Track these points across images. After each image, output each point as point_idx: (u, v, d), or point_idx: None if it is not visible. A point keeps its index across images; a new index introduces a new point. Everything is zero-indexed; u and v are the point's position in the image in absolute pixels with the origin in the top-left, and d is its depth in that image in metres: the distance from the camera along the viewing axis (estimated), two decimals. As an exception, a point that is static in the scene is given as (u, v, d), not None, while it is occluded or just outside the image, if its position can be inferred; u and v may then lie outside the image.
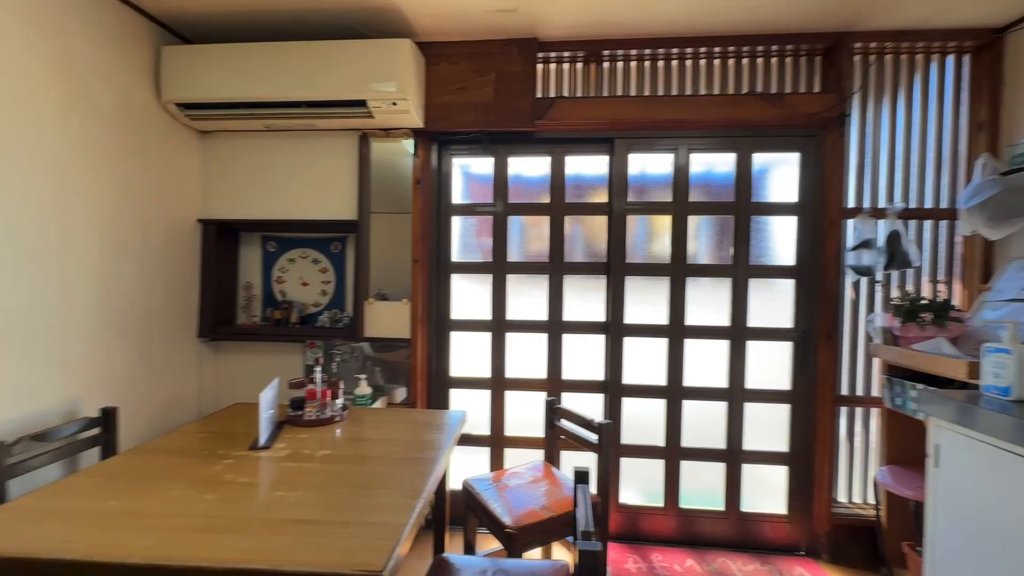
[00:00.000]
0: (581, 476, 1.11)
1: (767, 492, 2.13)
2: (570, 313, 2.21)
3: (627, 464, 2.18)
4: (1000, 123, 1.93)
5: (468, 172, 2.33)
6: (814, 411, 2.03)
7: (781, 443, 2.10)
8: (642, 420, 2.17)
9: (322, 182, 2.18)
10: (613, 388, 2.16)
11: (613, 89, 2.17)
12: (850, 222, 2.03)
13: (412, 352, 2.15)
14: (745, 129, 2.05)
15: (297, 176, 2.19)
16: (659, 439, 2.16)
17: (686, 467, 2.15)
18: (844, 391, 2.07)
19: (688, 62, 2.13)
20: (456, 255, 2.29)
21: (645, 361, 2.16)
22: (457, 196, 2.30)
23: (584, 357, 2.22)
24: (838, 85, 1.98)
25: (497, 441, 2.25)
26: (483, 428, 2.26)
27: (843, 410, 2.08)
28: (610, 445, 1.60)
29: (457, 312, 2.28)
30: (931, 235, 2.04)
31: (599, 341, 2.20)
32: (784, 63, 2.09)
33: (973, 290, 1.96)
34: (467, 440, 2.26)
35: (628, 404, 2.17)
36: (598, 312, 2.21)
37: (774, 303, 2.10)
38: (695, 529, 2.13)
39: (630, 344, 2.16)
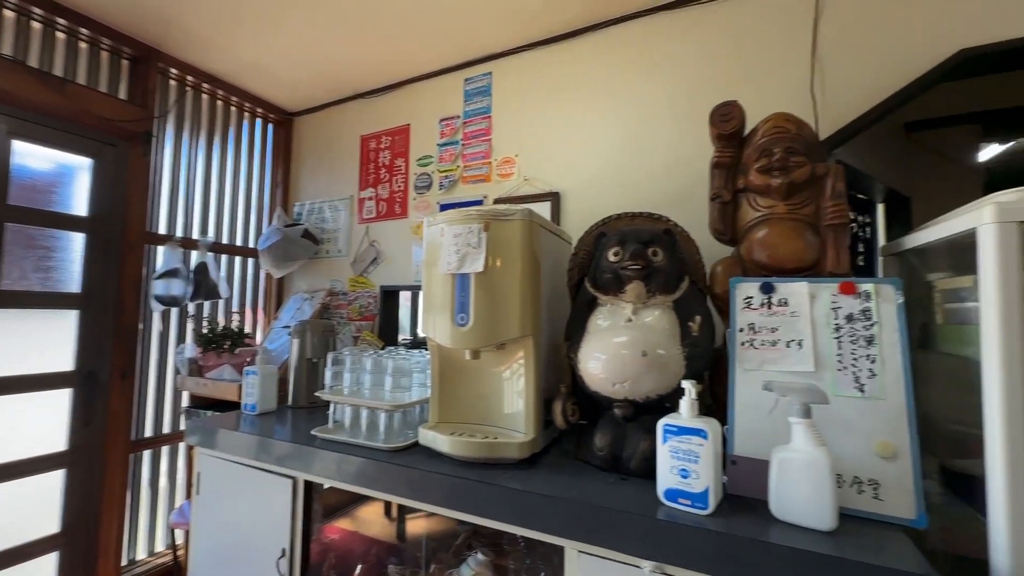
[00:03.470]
0: None
1: (27, 599, 1.57)
2: None
3: None
4: (290, 185, 2.45)
5: None
6: (102, 466, 1.70)
7: (50, 523, 1.62)
8: None
9: None
10: None
11: None
12: (160, 249, 1.92)
13: None
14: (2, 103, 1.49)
15: None
16: None
17: None
18: (148, 432, 1.88)
19: None
20: None
21: None
22: None
23: None
24: (144, 100, 1.83)
25: None
26: None
27: (146, 455, 1.88)
28: None
29: None
30: (241, 270, 2.28)
31: None
32: (78, 45, 1.71)
33: (271, 318, 2.34)
34: None
35: None
36: None
37: (44, 341, 1.62)
38: None
39: None
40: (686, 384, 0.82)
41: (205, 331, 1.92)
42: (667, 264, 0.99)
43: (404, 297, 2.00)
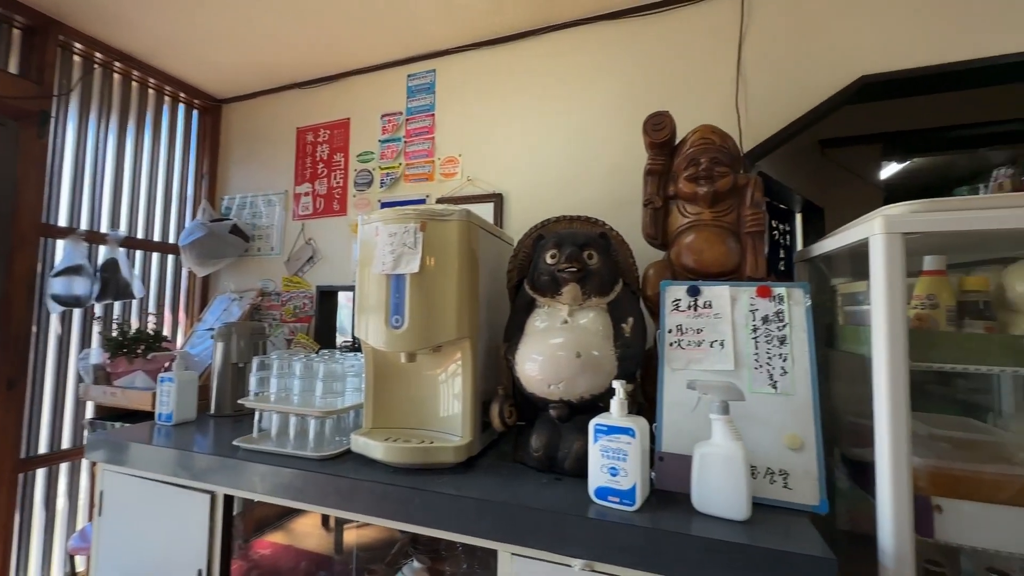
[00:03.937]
0: None
1: None
2: None
3: None
4: (218, 177, 2.28)
5: None
6: (-16, 490, 1.50)
7: (-85, 558, 1.40)
8: None
9: None
10: None
11: None
12: (60, 242, 1.72)
13: None
14: None
15: None
16: None
17: None
18: (42, 448, 1.68)
19: None
20: None
21: None
22: None
23: None
24: (40, 76, 1.63)
25: None
26: None
27: (39, 473, 1.68)
28: None
29: None
30: (159, 267, 2.09)
31: None
32: (-44, 9, 1.50)
33: (193, 320, 2.16)
34: None
35: None
36: None
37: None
38: None
39: None
40: (616, 384, 0.84)
41: (115, 334, 1.75)
42: (602, 267, 1.02)
43: (346, 298, 1.92)
